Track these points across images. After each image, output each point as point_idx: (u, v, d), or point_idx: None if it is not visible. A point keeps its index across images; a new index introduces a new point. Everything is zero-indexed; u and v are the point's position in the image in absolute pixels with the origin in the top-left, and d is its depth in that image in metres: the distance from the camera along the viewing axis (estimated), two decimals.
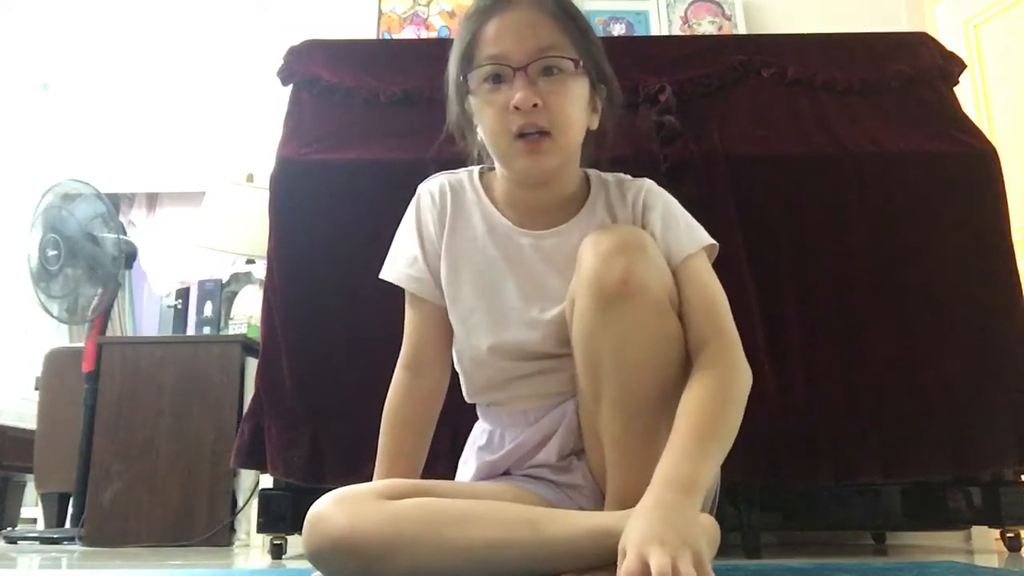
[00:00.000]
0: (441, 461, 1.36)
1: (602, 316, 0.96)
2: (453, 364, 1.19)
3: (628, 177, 1.18)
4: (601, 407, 1.00)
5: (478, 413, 1.21)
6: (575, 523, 0.92)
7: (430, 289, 1.14)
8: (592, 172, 1.18)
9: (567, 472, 1.09)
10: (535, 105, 1.01)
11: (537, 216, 1.14)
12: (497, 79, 1.04)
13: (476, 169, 1.19)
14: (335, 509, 0.91)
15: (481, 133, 1.09)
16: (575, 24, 1.07)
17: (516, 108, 1.01)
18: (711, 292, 1.04)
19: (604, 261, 0.95)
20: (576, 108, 1.06)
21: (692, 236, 1.08)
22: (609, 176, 1.18)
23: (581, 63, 1.05)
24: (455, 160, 1.24)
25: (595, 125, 1.12)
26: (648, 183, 1.16)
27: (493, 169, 1.16)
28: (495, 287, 1.12)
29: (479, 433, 1.19)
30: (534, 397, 1.12)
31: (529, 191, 1.13)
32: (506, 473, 1.14)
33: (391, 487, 0.96)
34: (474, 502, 0.96)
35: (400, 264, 1.16)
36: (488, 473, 1.15)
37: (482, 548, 0.89)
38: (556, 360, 1.09)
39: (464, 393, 1.20)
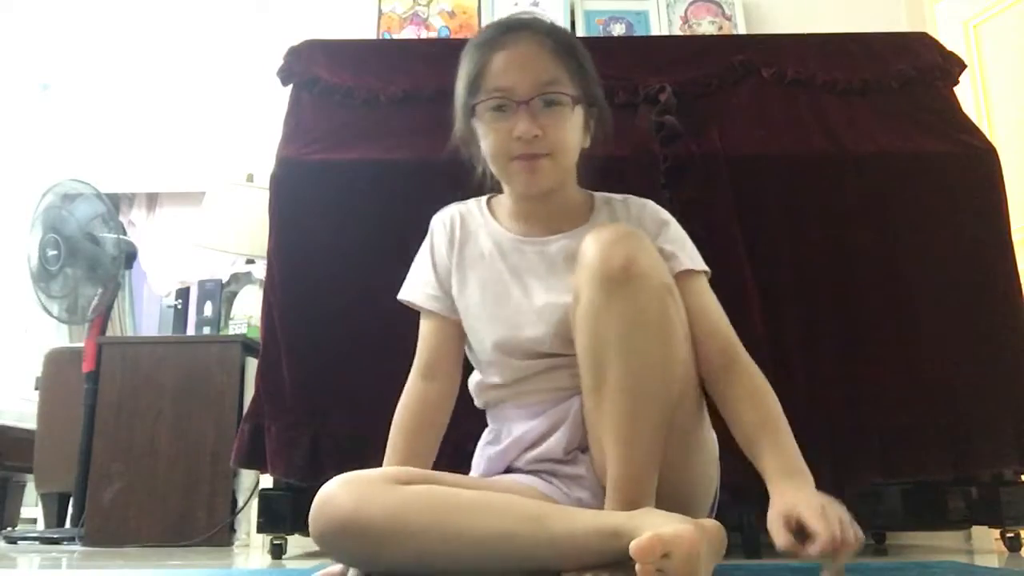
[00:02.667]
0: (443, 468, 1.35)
1: (607, 300, 0.99)
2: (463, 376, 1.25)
3: (633, 196, 1.27)
4: (604, 393, 1.02)
5: (487, 417, 1.24)
6: (582, 521, 0.93)
7: (442, 305, 1.24)
8: (597, 193, 1.28)
9: (572, 464, 1.11)
10: (536, 136, 1.13)
11: (542, 227, 1.23)
12: (501, 108, 1.15)
13: (485, 197, 1.31)
14: (343, 491, 0.93)
15: (484, 151, 1.19)
16: (573, 58, 1.17)
17: (519, 138, 1.13)
18: (718, 309, 1.15)
19: (606, 249, 1.00)
20: (572, 135, 1.17)
21: (695, 257, 1.18)
22: (615, 195, 1.27)
23: (577, 97, 1.16)
24: (459, 160, 1.25)
25: (588, 144, 1.23)
26: (652, 202, 1.26)
27: (500, 194, 1.28)
28: (502, 293, 1.20)
29: (486, 433, 1.23)
30: (541, 392, 1.16)
31: (532, 204, 1.23)
32: (509, 470, 1.16)
33: (400, 473, 1.00)
34: (481, 493, 0.99)
35: (416, 286, 1.27)
36: (492, 468, 1.17)
37: (488, 539, 0.91)
38: (562, 358, 1.13)
39: (475, 399, 1.25)
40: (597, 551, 0.90)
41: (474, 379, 1.25)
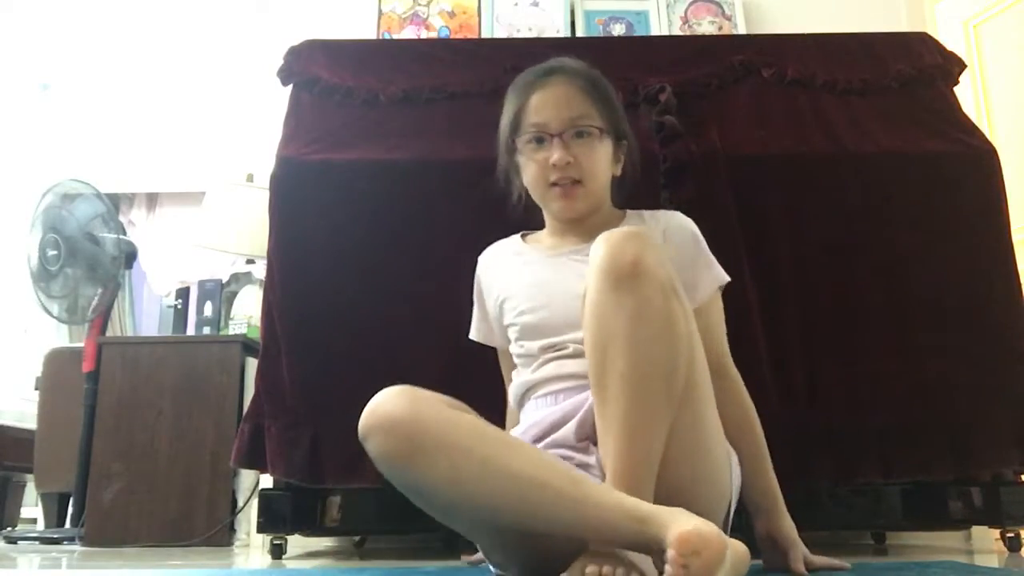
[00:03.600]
0: None
1: (615, 295, 1.03)
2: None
3: (663, 210, 1.41)
4: (608, 384, 1.04)
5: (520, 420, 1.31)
6: (615, 498, 0.97)
7: (497, 339, 1.43)
8: (631, 211, 1.40)
9: (584, 453, 1.13)
10: (568, 163, 1.28)
11: (576, 239, 1.35)
12: (539, 140, 1.30)
13: (519, 234, 1.46)
14: (397, 397, 1.00)
15: (525, 180, 1.35)
16: (601, 95, 1.33)
17: (554, 165, 1.28)
18: (720, 324, 1.30)
19: (615, 247, 1.05)
20: (601, 162, 1.32)
21: (713, 273, 1.31)
22: (645, 211, 1.39)
23: (605, 129, 1.31)
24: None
25: (618, 172, 1.38)
26: (680, 214, 1.38)
27: (535, 231, 1.44)
28: (537, 283, 1.32)
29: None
30: (561, 379, 1.22)
31: (569, 226, 1.36)
32: None
33: (453, 401, 1.04)
34: (527, 444, 1.08)
35: (475, 325, 1.48)
36: None
37: (523, 477, 0.96)
38: (581, 347, 1.16)
39: (511, 402, 1.36)
40: (621, 530, 0.93)
41: (513, 383, 1.33)
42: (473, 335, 1.47)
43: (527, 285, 1.33)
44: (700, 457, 1.12)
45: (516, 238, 1.45)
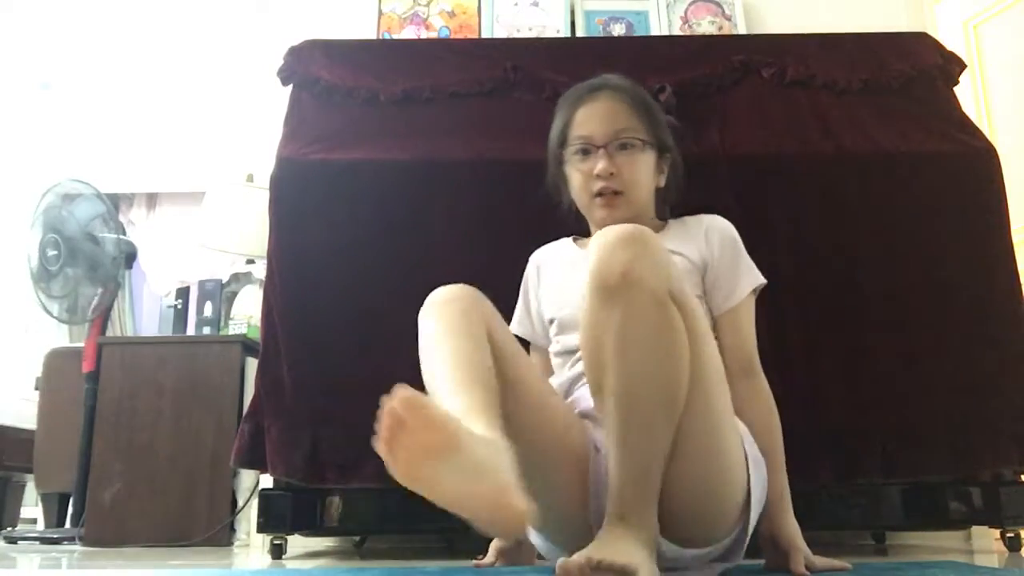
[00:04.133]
0: None
1: (605, 309, 1.02)
2: None
3: (706, 215, 1.42)
4: (603, 399, 1.04)
5: None
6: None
7: (537, 335, 1.46)
8: (673, 220, 1.43)
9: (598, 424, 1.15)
10: (612, 174, 1.32)
11: None
12: (585, 152, 1.36)
13: (571, 236, 1.49)
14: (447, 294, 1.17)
15: (572, 191, 1.40)
16: (645, 109, 1.38)
17: (598, 176, 1.33)
18: (749, 325, 1.31)
19: (606, 254, 1.02)
20: (644, 174, 1.36)
21: (750, 277, 1.33)
22: (689, 217, 1.42)
23: (648, 141, 1.35)
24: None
25: (662, 184, 1.42)
26: (721, 218, 1.40)
27: (587, 236, 1.45)
28: (569, 278, 1.34)
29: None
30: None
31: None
32: None
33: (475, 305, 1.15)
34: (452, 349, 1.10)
35: (517, 318, 1.49)
36: None
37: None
38: None
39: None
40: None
41: (555, 384, 1.34)
42: (514, 328, 1.46)
43: (570, 284, 1.33)
44: (712, 458, 1.08)
45: (568, 241, 1.49)
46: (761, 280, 1.34)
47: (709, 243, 1.34)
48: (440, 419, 0.80)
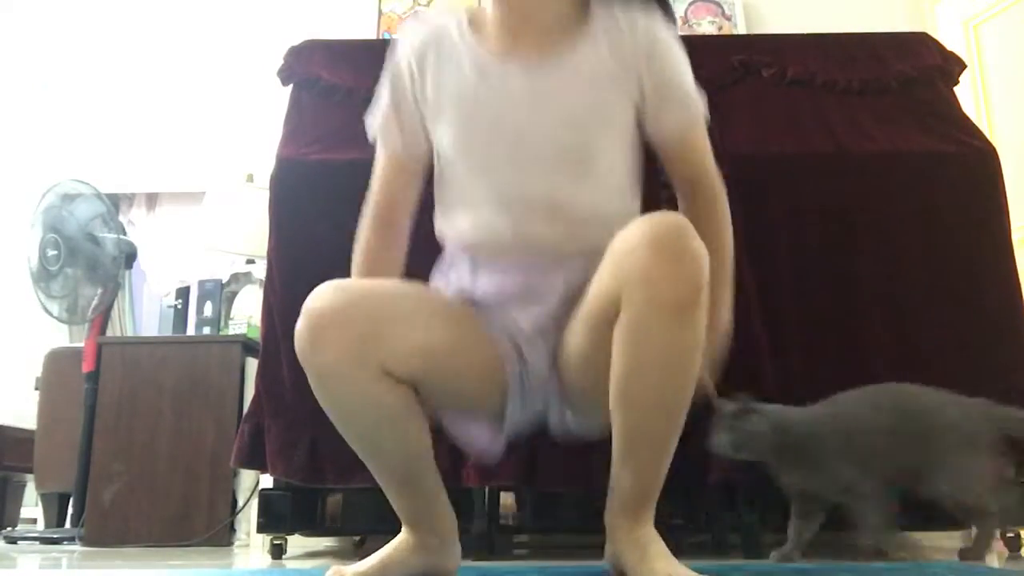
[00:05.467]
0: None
1: (680, 326, 0.93)
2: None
3: (640, 8, 1.15)
4: (632, 408, 0.98)
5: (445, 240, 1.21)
6: None
7: (398, 149, 1.22)
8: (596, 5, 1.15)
9: (531, 345, 1.09)
10: None
11: (531, 40, 1.13)
12: None
13: (464, 15, 1.19)
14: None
15: None
16: None
17: None
18: (705, 146, 1.19)
19: (672, 267, 0.92)
20: None
21: (698, 105, 1.17)
22: (618, 9, 1.14)
23: None
24: None
25: None
26: (659, 25, 1.14)
27: (480, 7, 1.17)
28: (490, 129, 1.12)
29: (446, 264, 1.22)
30: (521, 251, 1.11)
31: (520, 21, 1.13)
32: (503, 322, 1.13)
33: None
34: None
35: (379, 116, 1.23)
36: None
37: None
38: (559, 210, 1.11)
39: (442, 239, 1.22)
40: None
41: (450, 223, 1.19)
42: (373, 130, 1.27)
43: (462, 98, 1.13)
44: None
45: (463, 18, 1.18)
46: (705, 111, 1.19)
47: (655, 55, 1.13)
48: None
